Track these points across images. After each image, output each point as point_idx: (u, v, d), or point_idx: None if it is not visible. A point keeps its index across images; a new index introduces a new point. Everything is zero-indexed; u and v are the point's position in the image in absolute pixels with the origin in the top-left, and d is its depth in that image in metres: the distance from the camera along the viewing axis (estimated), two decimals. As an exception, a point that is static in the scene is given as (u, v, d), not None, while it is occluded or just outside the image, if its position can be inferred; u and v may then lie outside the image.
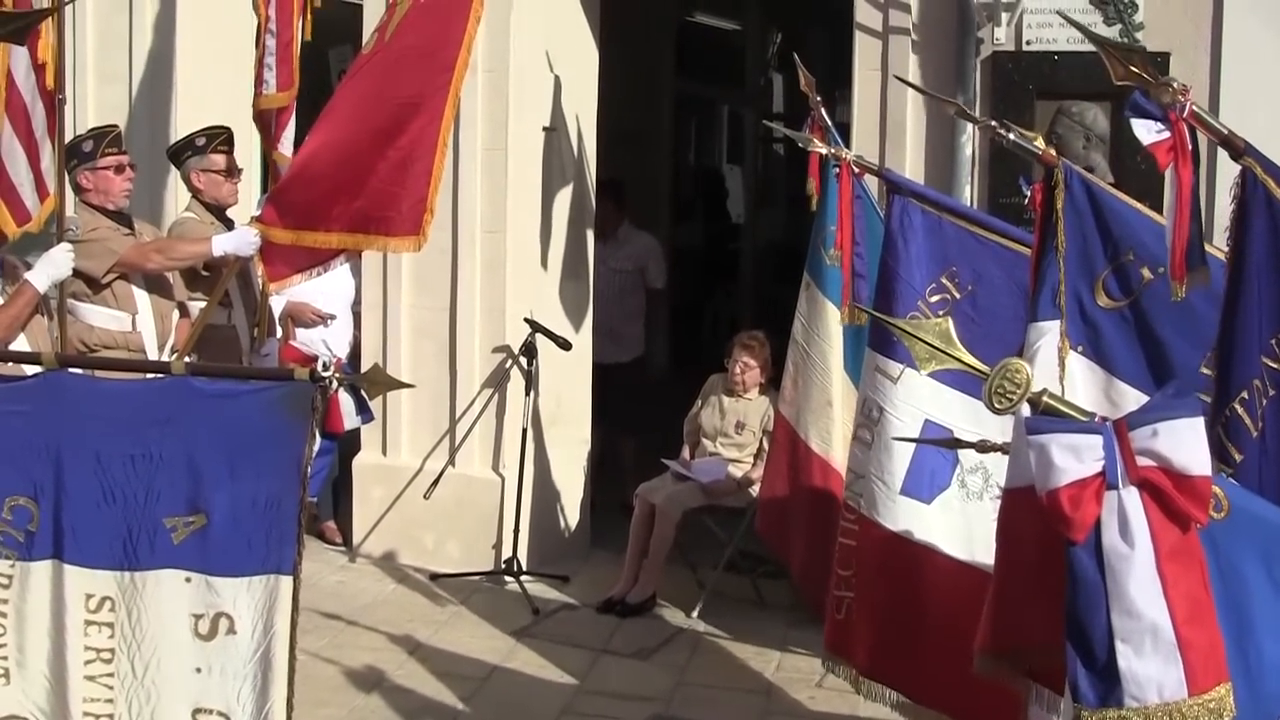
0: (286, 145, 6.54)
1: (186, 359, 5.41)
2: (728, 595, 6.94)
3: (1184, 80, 3.38)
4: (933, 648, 4.60)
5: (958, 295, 4.82)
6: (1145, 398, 3.60)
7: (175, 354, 5.76)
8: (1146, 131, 3.33)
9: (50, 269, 5.28)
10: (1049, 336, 3.95)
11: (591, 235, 7.96)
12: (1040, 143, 4.17)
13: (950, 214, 4.95)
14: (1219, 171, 5.49)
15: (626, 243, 8.65)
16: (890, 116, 6.76)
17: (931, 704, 4.82)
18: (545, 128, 7.49)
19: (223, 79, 7.75)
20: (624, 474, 8.18)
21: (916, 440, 4.63)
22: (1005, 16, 6.54)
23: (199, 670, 3.19)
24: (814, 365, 6.19)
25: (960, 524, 4.76)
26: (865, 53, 6.84)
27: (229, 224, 6.23)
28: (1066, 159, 4.14)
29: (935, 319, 3.18)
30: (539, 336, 7.21)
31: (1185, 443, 2.64)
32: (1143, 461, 2.64)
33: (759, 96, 14.60)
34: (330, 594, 6.89)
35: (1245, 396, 3.39)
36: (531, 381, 7.22)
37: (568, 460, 7.72)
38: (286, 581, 3.14)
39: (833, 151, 5.49)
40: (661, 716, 5.66)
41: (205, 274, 6.13)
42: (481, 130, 7.26)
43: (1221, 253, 3.57)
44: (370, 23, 6.99)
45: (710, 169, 15.29)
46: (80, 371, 3.61)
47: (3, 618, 3.26)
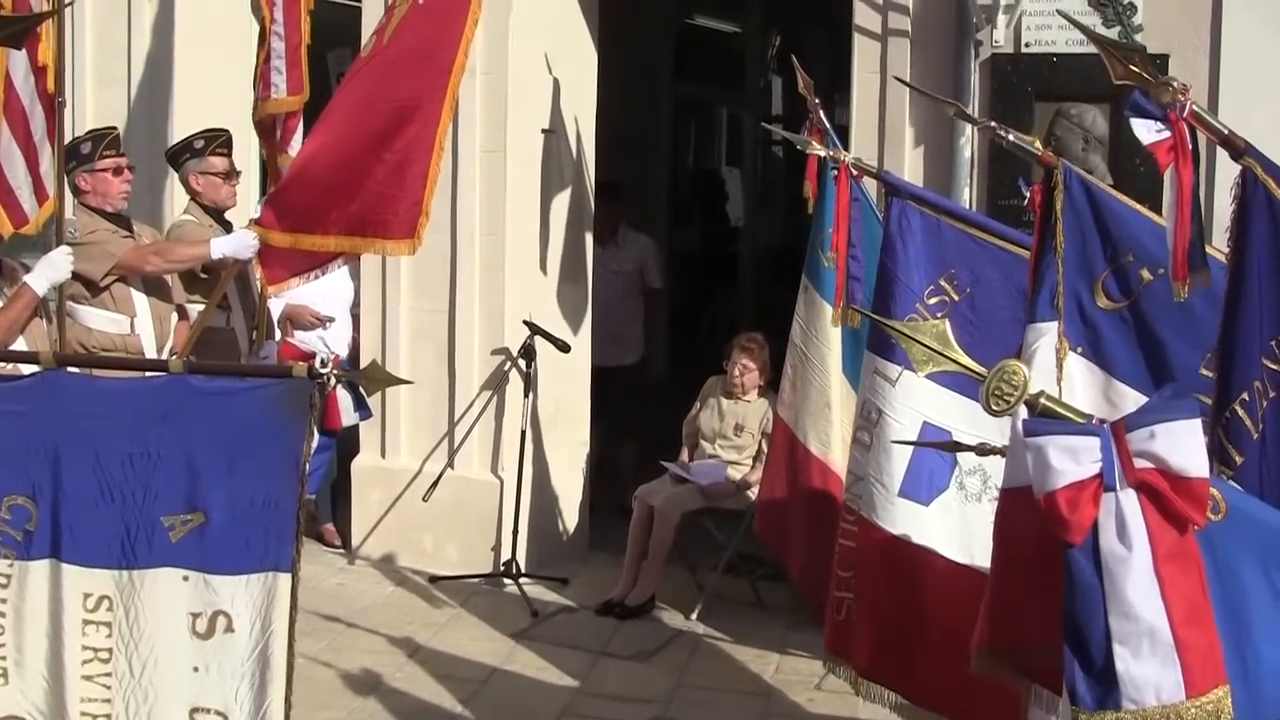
0: (295, 149, 6.52)
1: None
2: (727, 597, 6.93)
3: (1183, 81, 3.37)
4: (932, 650, 4.59)
5: (956, 297, 4.82)
6: (1145, 399, 3.59)
7: (174, 356, 5.76)
8: (1146, 131, 3.32)
9: (49, 271, 5.28)
10: (1047, 338, 3.94)
11: (590, 238, 7.96)
12: (1039, 144, 4.16)
13: (948, 216, 4.95)
14: (1219, 172, 5.48)
15: (626, 245, 8.65)
16: (889, 119, 6.76)
17: (930, 706, 4.81)
18: (544, 130, 7.49)
19: (222, 81, 7.75)
20: (623, 476, 8.17)
21: (916, 443, 4.63)
22: (1004, 19, 6.54)
23: (197, 669, 3.18)
24: (812, 367, 6.19)
25: (959, 526, 4.75)
26: (864, 55, 6.83)
27: (228, 226, 6.22)
28: (1065, 160, 4.14)
29: (933, 321, 3.18)
30: (538, 339, 7.22)
31: (1183, 445, 2.63)
32: (1140, 463, 2.63)
33: (758, 99, 14.59)
34: (329, 596, 6.89)
35: (1246, 398, 3.38)
36: (530, 384, 7.22)
37: (566, 462, 7.72)
38: (285, 579, 3.13)
39: (830, 154, 5.48)
40: (661, 719, 5.66)
41: (204, 277, 6.13)
42: (480, 132, 7.26)
43: (1222, 254, 3.56)
44: (369, 25, 6.98)
45: (709, 171, 15.28)
46: (78, 371, 3.61)
47: (1, 617, 3.25)
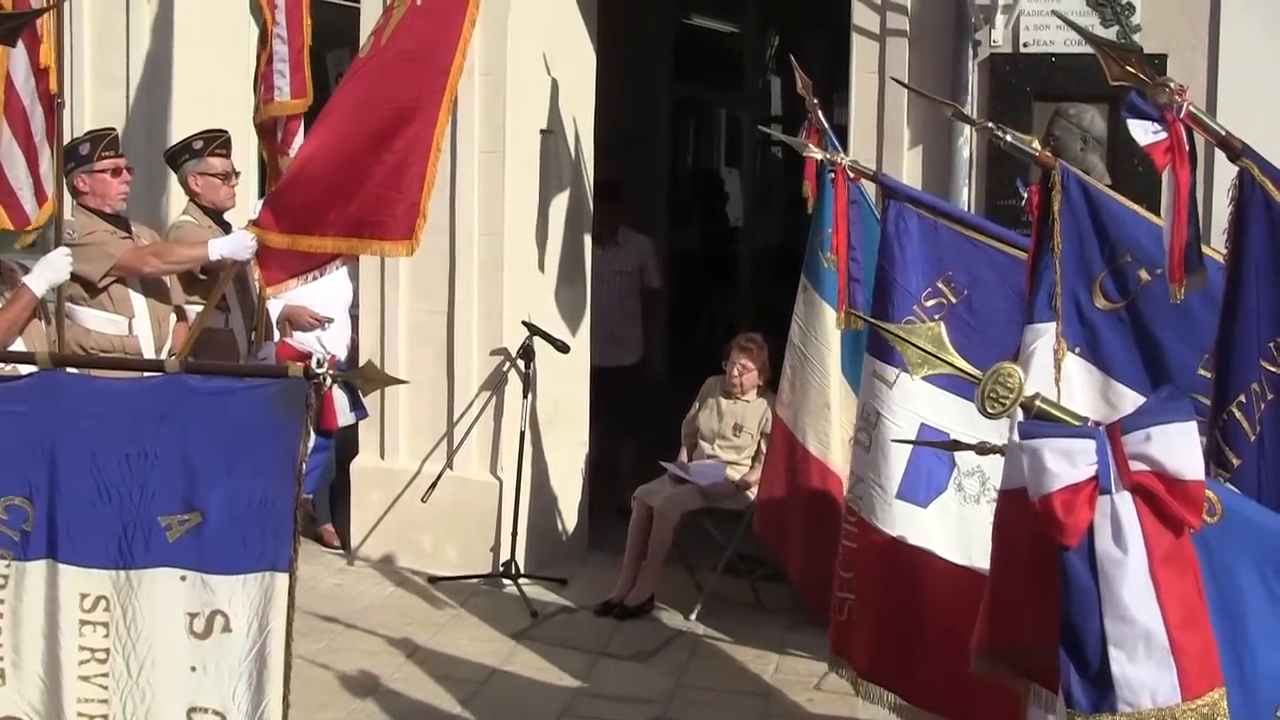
0: (296, 151, 6.51)
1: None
2: (726, 598, 6.93)
3: (1181, 82, 3.37)
4: (931, 650, 4.59)
5: (953, 299, 4.82)
6: (1142, 399, 3.57)
7: (173, 357, 5.75)
8: (1143, 132, 3.31)
9: (48, 272, 5.28)
10: (1045, 338, 3.94)
11: (589, 238, 7.96)
12: (1037, 144, 4.16)
13: (946, 218, 4.95)
14: (1217, 173, 5.48)
15: (626, 245, 8.65)
16: (887, 119, 6.76)
17: (930, 706, 4.81)
18: (543, 130, 7.49)
19: (221, 82, 7.76)
20: (622, 477, 8.17)
21: (915, 443, 4.62)
22: (1002, 19, 6.55)
23: (194, 669, 3.18)
24: (812, 368, 6.19)
25: (957, 527, 4.75)
26: (862, 55, 6.83)
27: (227, 227, 6.22)
28: (1064, 161, 4.14)
29: (928, 323, 3.17)
30: (536, 339, 7.21)
31: (1178, 447, 2.63)
32: (1136, 466, 2.63)
33: (757, 99, 14.58)
34: (328, 597, 6.89)
35: (1243, 400, 3.37)
36: (529, 384, 7.22)
37: (566, 463, 7.72)
38: (282, 579, 3.13)
39: (828, 155, 5.49)
40: (660, 719, 5.66)
41: (203, 278, 6.13)
42: (479, 133, 7.26)
43: (1219, 255, 3.56)
44: (367, 26, 6.98)
45: (708, 172, 15.27)
46: (75, 371, 3.61)
47: (-2, 618, 3.26)
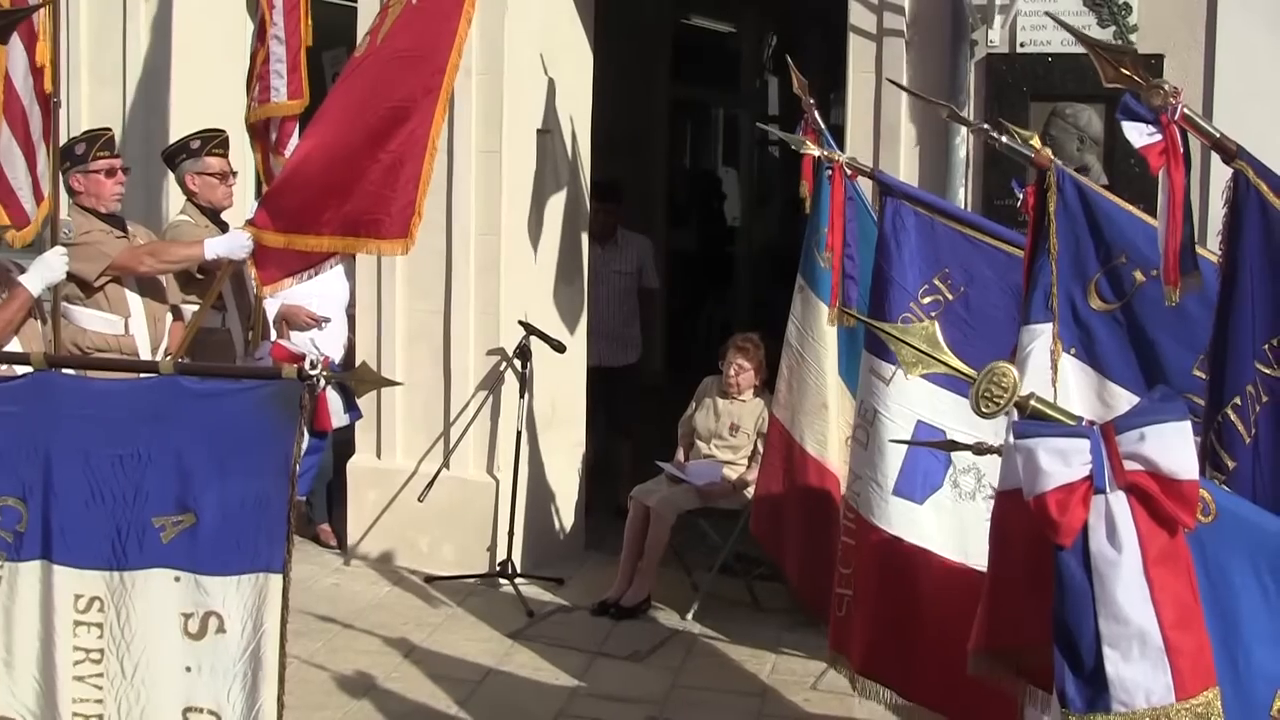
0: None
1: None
2: (722, 597, 6.94)
3: (1178, 83, 3.37)
4: (926, 647, 4.60)
5: (950, 297, 4.82)
6: (1138, 400, 3.59)
7: (168, 357, 5.75)
8: (1138, 134, 3.31)
9: (44, 272, 5.28)
10: (1042, 339, 3.94)
11: (586, 238, 7.96)
12: (1036, 141, 4.16)
13: (942, 216, 4.96)
14: (1213, 175, 5.49)
15: (626, 245, 8.65)
16: (884, 119, 6.76)
17: (927, 703, 4.82)
18: (540, 130, 7.49)
19: (218, 82, 7.75)
20: (619, 476, 8.17)
21: (912, 443, 4.63)
22: (999, 19, 6.55)
23: (189, 669, 3.19)
24: (808, 368, 6.19)
25: (953, 525, 4.75)
26: (859, 55, 6.83)
27: (224, 227, 6.23)
28: (1060, 161, 4.14)
29: (922, 323, 3.17)
30: (533, 339, 7.21)
31: (1172, 447, 2.63)
32: (1130, 466, 2.63)
33: (754, 99, 14.58)
34: (325, 597, 6.89)
35: (1238, 402, 3.37)
36: (526, 384, 7.22)
37: (562, 463, 7.72)
38: (276, 580, 3.14)
39: (825, 154, 5.49)
40: (657, 719, 5.66)
41: (200, 277, 6.13)
42: (476, 133, 7.26)
43: (1214, 256, 3.57)
44: (364, 26, 6.97)
45: (706, 172, 15.27)
46: (70, 372, 3.61)
47: (-7, 619, 3.26)
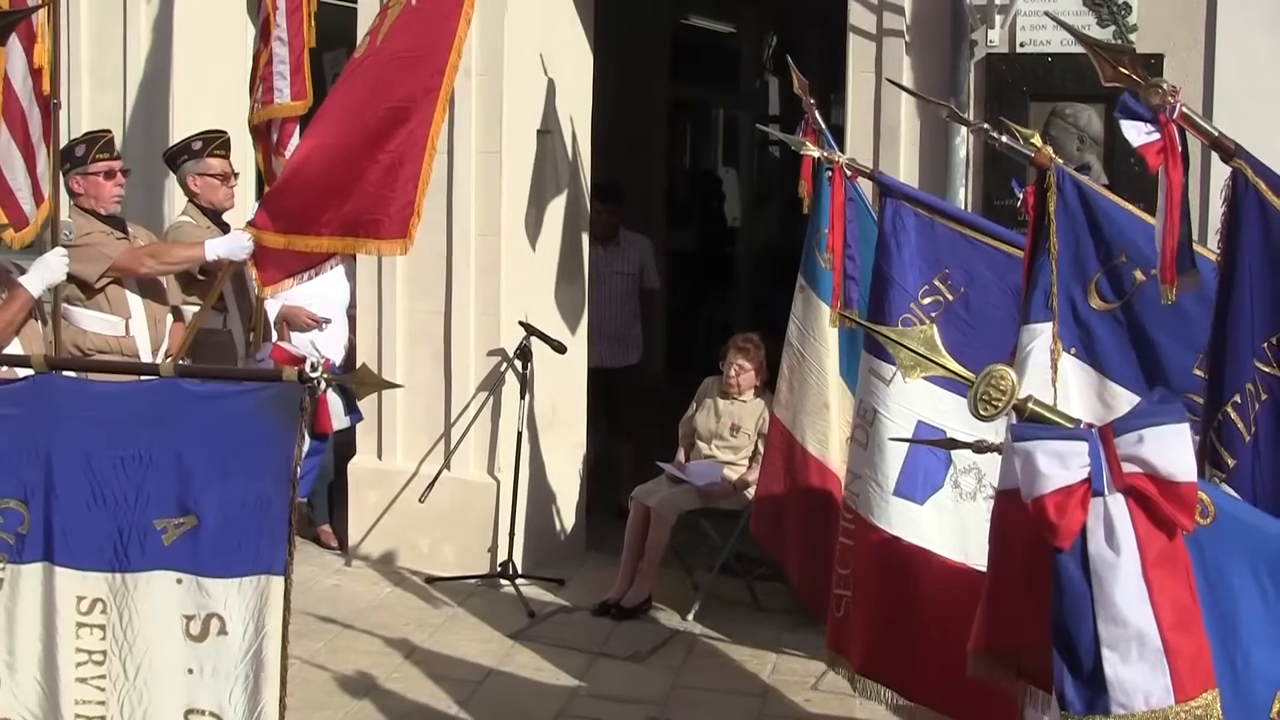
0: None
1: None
2: (723, 598, 6.94)
3: (1177, 82, 3.37)
4: (926, 647, 4.60)
5: (950, 297, 4.82)
6: (1138, 399, 3.59)
7: (170, 358, 5.75)
8: (1136, 133, 3.32)
9: (45, 273, 5.28)
10: (1042, 339, 3.94)
11: (586, 238, 7.96)
12: (1037, 140, 4.16)
13: (942, 216, 4.96)
14: (1212, 174, 5.49)
15: (627, 246, 8.65)
16: (884, 119, 6.76)
17: (926, 703, 4.82)
18: (540, 131, 7.49)
19: (219, 83, 7.75)
20: (619, 477, 8.17)
21: (912, 441, 4.63)
22: (999, 19, 6.55)
23: (191, 671, 3.20)
24: (809, 368, 6.18)
25: (954, 525, 4.75)
26: (859, 55, 6.83)
27: (226, 228, 6.23)
28: (1060, 161, 4.14)
29: (922, 325, 3.18)
30: (534, 340, 7.22)
31: (1171, 449, 2.63)
32: (1128, 468, 2.63)
33: (754, 99, 14.58)
34: (326, 598, 6.89)
35: (1238, 400, 3.37)
36: (527, 385, 7.22)
37: (563, 463, 7.72)
38: (278, 582, 3.15)
39: (825, 154, 5.49)
40: (657, 719, 5.66)
41: (201, 278, 6.13)
42: (476, 133, 7.26)
43: (1214, 255, 3.57)
44: (365, 27, 6.97)
45: (706, 172, 15.28)
46: (71, 374, 3.62)
47: (-6, 621, 3.27)
